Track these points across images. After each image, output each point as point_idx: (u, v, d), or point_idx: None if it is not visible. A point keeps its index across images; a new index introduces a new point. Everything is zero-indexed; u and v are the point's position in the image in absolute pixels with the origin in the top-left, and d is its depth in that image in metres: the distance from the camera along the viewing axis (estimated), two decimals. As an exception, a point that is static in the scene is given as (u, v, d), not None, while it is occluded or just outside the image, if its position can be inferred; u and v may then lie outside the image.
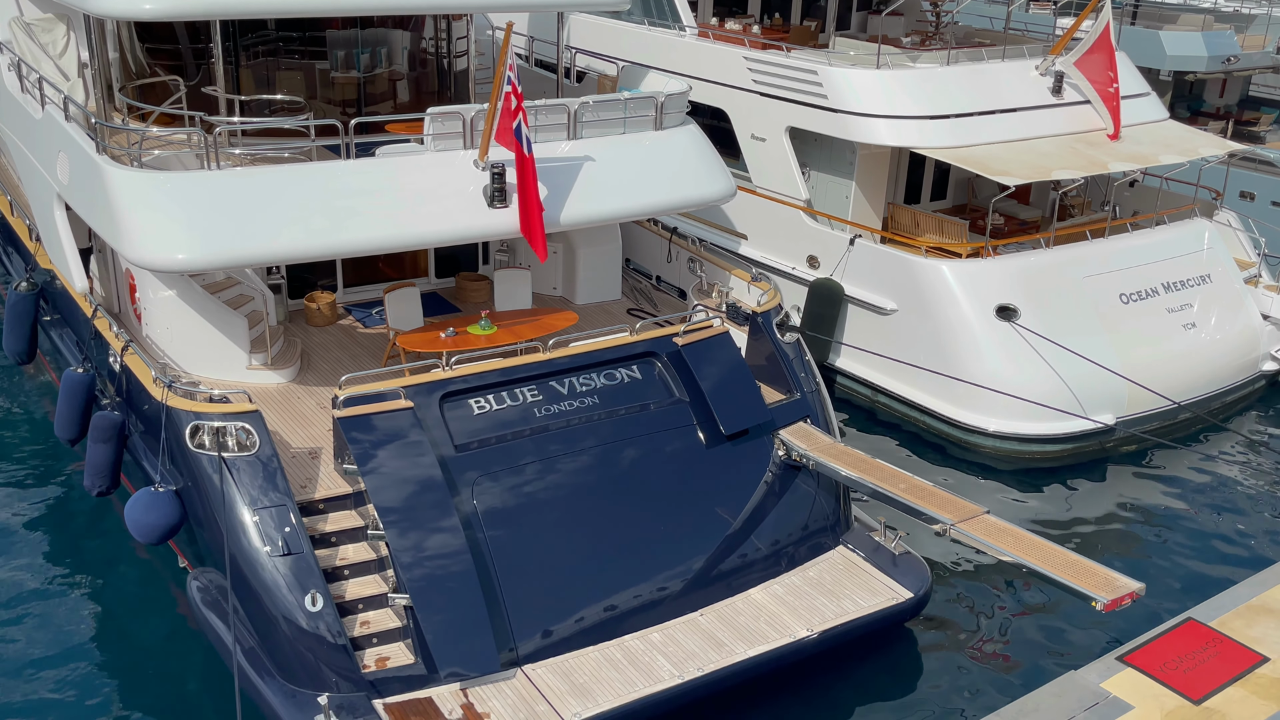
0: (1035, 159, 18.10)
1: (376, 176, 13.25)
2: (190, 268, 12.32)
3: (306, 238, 12.60)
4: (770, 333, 14.66)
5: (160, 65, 15.72)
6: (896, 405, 18.46)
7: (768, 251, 20.23)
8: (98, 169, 12.78)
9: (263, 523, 11.17)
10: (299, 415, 13.51)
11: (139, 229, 12.25)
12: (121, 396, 13.17)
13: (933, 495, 12.54)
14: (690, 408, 13.55)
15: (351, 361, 14.86)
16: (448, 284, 17.36)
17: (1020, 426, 17.19)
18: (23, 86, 15.92)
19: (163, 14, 12.95)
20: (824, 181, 19.88)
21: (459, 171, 13.58)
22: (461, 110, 13.70)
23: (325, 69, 16.19)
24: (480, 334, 14.12)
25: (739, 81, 20.28)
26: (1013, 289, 17.55)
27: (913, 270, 17.84)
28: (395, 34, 16.57)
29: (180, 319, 13.84)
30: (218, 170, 12.66)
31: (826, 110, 18.78)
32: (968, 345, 17.32)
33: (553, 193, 13.92)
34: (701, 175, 15.31)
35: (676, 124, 15.49)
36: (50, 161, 14.54)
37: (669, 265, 17.66)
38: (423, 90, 17.16)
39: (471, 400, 12.69)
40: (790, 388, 14.43)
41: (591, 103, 14.60)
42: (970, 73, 19.11)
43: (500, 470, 12.31)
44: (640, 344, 13.76)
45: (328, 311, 15.91)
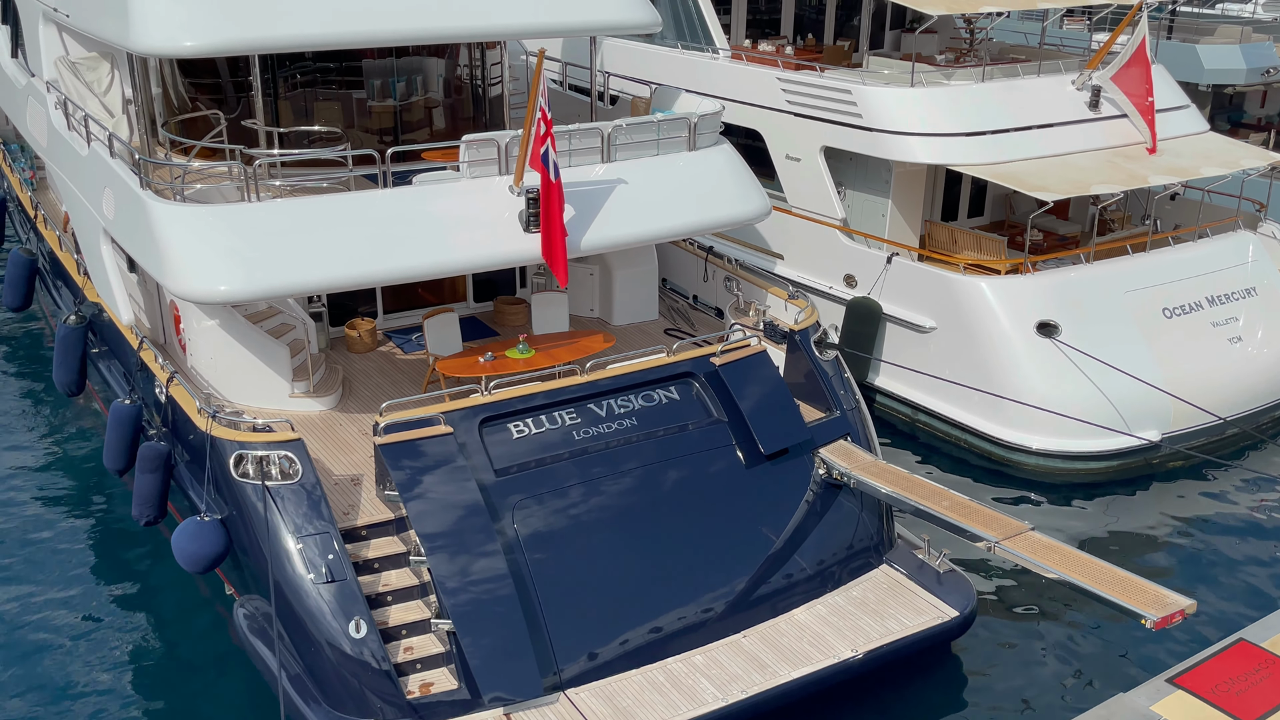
0: (1073, 174, 17.96)
1: (414, 204, 13.39)
2: (233, 298, 12.49)
3: (346, 267, 12.75)
4: (808, 350, 14.62)
5: (201, 99, 16.02)
6: (937, 424, 18.32)
7: (804, 271, 20.19)
8: (141, 204, 13.02)
9: (306, 550, 11.26)
10: (341, 442, 13.62)
11: (182, 262, 12.44)
12: (168, 427, 13.36)
13: (976, 512, 12.41)
14: (729, 428, 13.52)
15: (392, 387, 14.98)
16: (486, 308, 17.48)
17: (1064, 444, 16.99)
18: (69, 124, 16.27)
19: (203, 50, 13.19)
20: (860, 200, 19.84)
21: (494, 197, 13.70)
22: (496, 137, 13.84)
23: (362, 98, 16.42)
24: (518, 358, 14.19)
25: (773, 102, 20.32)
26: (1053, 305, 17.39)
27: (951, 288, 17.74)
28: (430, 62, 16.79)
29: (223, 349, 14.03)
30: (258, 202, 12.86)
31: (861, 129, 18.77)
32: (1008, 362, 17.16)
33: (588, 216, 14.00)
34: (736, 195, 15.35)
35: (710, 144, 15.55)
36: (96, 197, 14.82)
37: (706, 284, 17.68)
38: (458, 117, 17.35)
39: (511, 424, 12.74)
40: (830, 405, 14.37)
41: (625, 125, 14.69)
42: (1005, 89, 19.03)
43: (540, 494, 12.34)
44: (678, 364, 13.76)
45: (368, 338, 16.07)
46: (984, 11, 18.88)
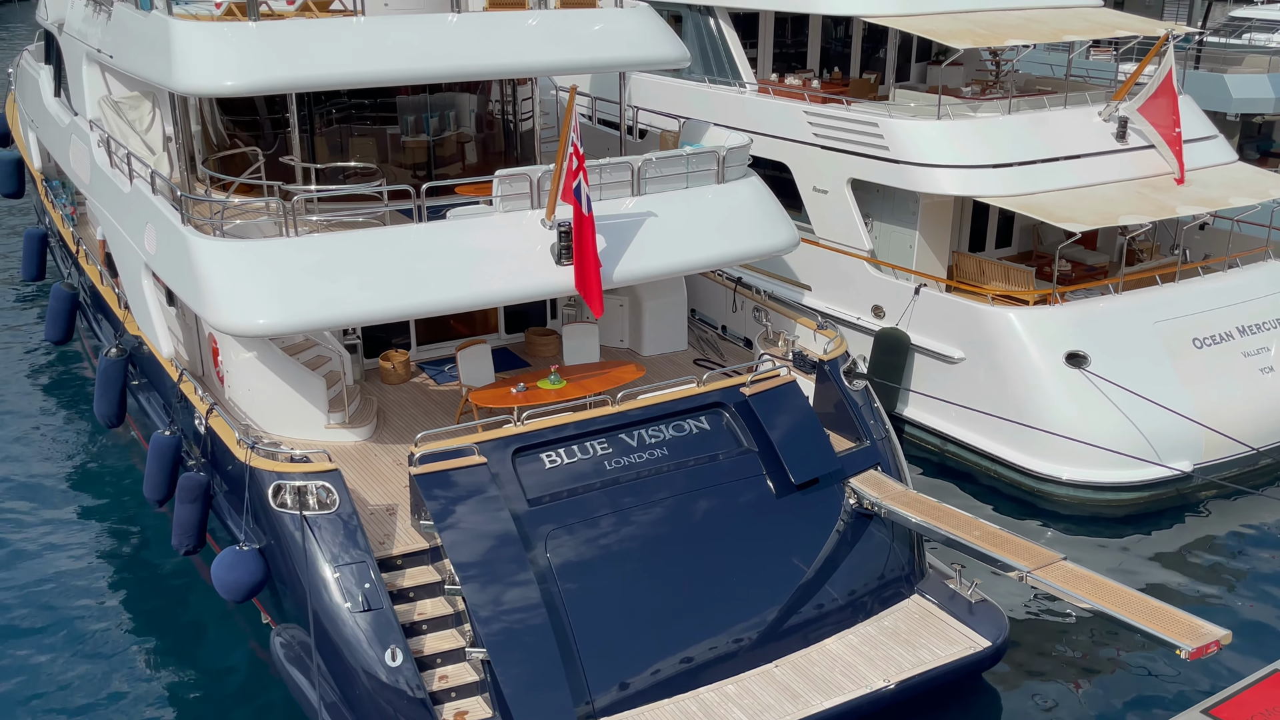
0: (1101, 205, 18.02)
1: (448, 238, 13.63)
2: (271, 331, 12.73)
3: (382, 300, 12.98)
4: (838, 380, 14.70)
5: (240, 136, 16.38)
6: (966, 454, 18.32)
7: (832, 302, 20.30)
8: (182, 239, 13.32)
9: (343, 579, 11.41)
10: (376, 472, 13.80)
11: (222, 296, 12.71)
12: (207, 458, 13.58)
13: (1008, 542, 12.42)
14: (759, 458, 13.61)
15: (426, 418, 15.17)
16: (517, 339, 17.68)
17: (1094, 474, 16.95)
18: (112, 162, 16.66)
19: (244, 90, 13.54)
20: (887, 231, 19.95)
21: (527, 231, 13.92)
22: (528, 172, 14.08)
23: (396, 134, 16.73)
24: (550, 388, 14.35)
25: (800, 135, 20.51)
26: (1082, 335, 17.40)
27: (979, 318, 17.79)
28: (463, 98, 17.09)
29: (261, 380, 14.27)
30: (296, 237, 13.13)
31: (888, 161, 18.91)
32: (1037, 393, 17.17)
33: (618, 248, 14.19)
34: (764, 226, 15.51)
35: (738, 177, 15.74)
36: (138, 233, 15.16)
37: (734, 315, 17.81)
38: (490, 151, 17.63)
39: (543, 454, 12.88)
40: (860, 435, 14.43)
41: (654, 159, 14.90)
42: (1032, 120, 19.14)
43: (573, 523, 12.46)
44: (708, 395, 13.88)
45: (402, 370, 16.28)
46: (1010, 44, 19.01)
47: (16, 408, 20.15)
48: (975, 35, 18.91)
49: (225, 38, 13.61)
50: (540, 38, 15.22)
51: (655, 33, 16.06)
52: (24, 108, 25.27)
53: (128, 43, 15.74)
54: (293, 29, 13.87)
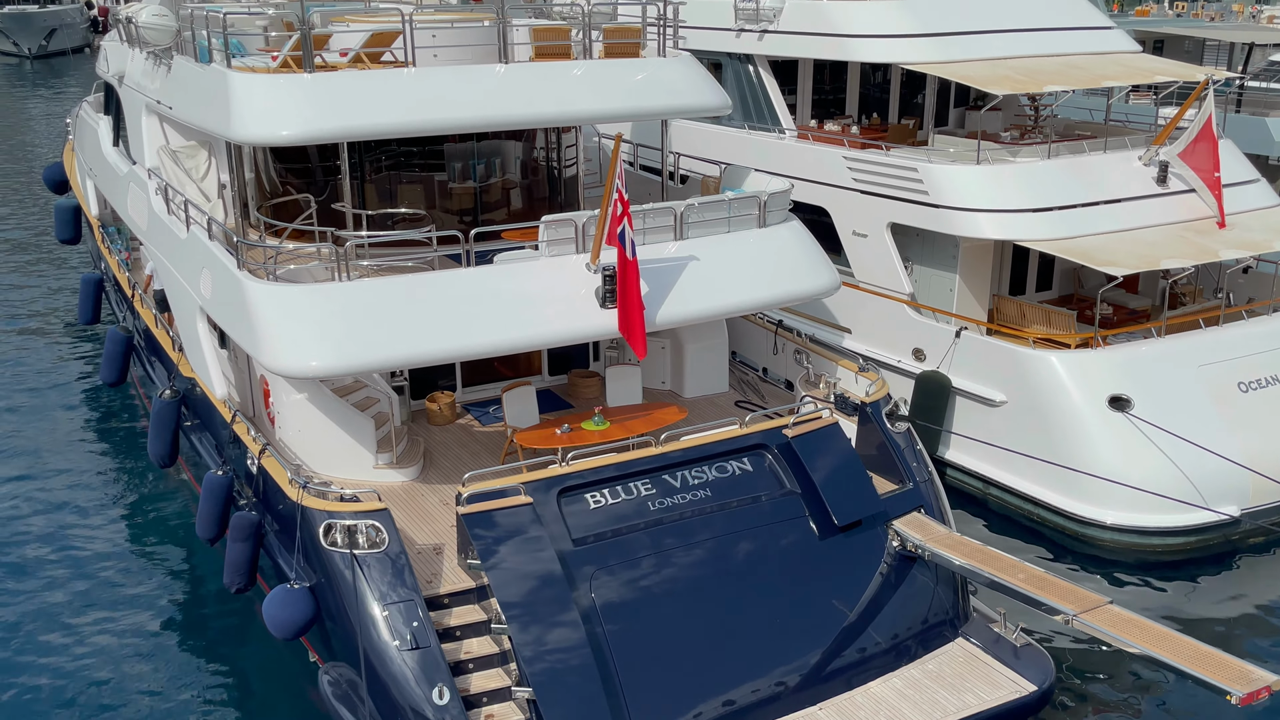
0: (1142, 248, 18.04)
1: (496, 282, 13.91)
2: (323, 373, 13.02)
3: (431, 342, 13.25)
4: (880, 422, 14.78)
5: (292, 184, 16.82)
6: (1009, 498, 18.25)
7: (872, 345, 20.39)
8: (238, 283, 13.70)
9: (392, 617, 11.59)
10: (423, 512, 14.02)
11: (276, 338, 13.05)
12: (258, 497, 13.86)
13: (1053, 585, 12.39)
14: (802, 499, 13.69)
15: (471, 459, 15.39)
16: (560, 381, 17.91)
17: (1140, 519, 16.83)
18: (169, 209, 17.16)
19: (298, 139, 13.95)
20: (927, 275, 20.06)
21: (572, 275, 14.18)
22: (574, 217, 14.36)
23: (443, 180, 17.11)
24: (594, 429, 14.54)
25: (839, 180, 20.73)
26: (1125, 379, 17.36)
27: (1021, 361, 17.81)
28: (509, 145, 17.47)
29: (312, 421, 14.56)
30: (348, 282, 13.46)
31: (928, 206, 19.07)
32: (1080, 437, 17.12)
33: (661, 292, 14.40)
34: (805, 270, 15.68)
35: (780, 221, 15.94)
36: (194, 277, 15.58)
37: (775, 357, 17.94)
38: (534, 197, 17.97)
39: (588, 495, 13.04)
40: (902, 478, 14.48)
41: (696, 204, 15.15)
42: (1072, 165, 19.24)
43: (617, 564, 12.57)
44: (750, 436, 14.00)
45: (448, 411, 16.54)
46: (1049, 90, 19.16)
47: (72, 448, 20.62)
48: (1013, 81, 19.08)
49: (282, 89, 14.06)
50: (585, 87, 15.56)
51: (697, 81, 16.38)
52: (82, 157, 26.04)
53: (187, 94, 16.27)
54: (346, 81, 14.30)
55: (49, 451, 20.47)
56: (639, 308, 13.45)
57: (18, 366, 24.61)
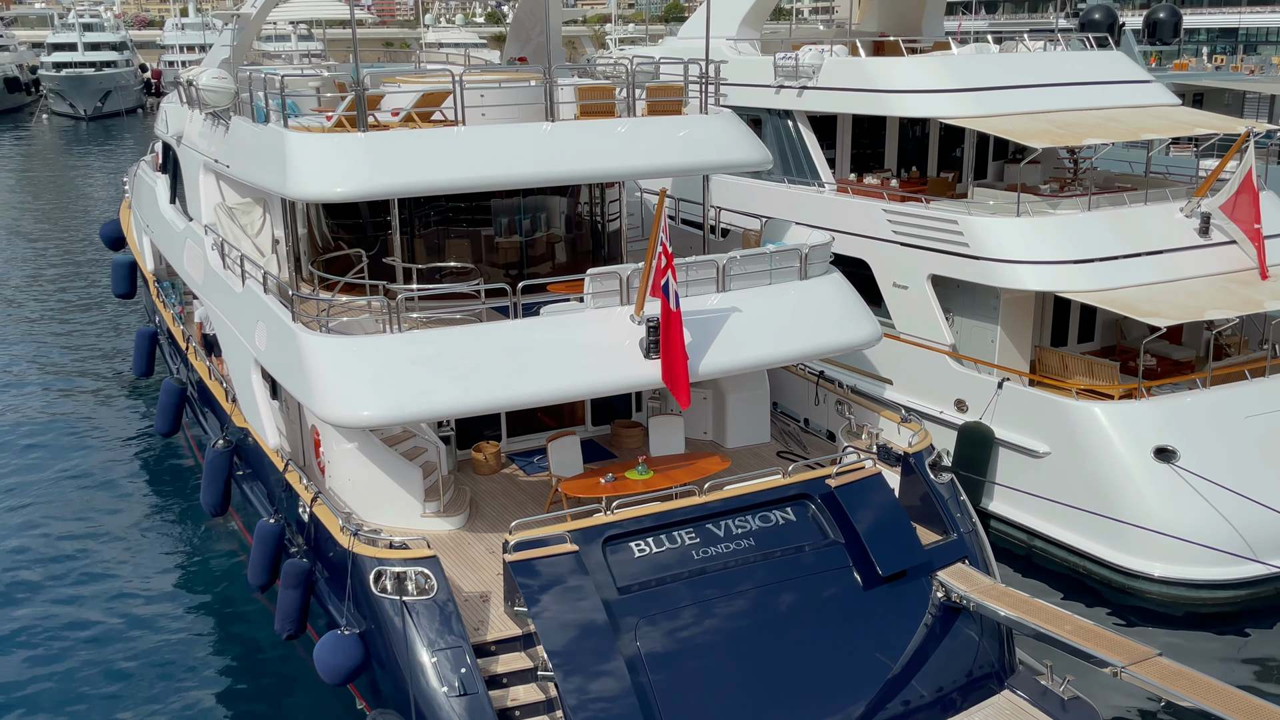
0: (1185, 299, 18.04)
1: (542, 333, 14.18)
2: (375, 423, 13.31)
3: (480, 393, 13.51)
4: (924, 473, 14.82)
5: (344, 239, 17.27)
6: (1053, 550, 18.14)
7: (914, 395, 20.43)
8: (292, 335, 14.07)
9: (440, 664, 11.74)
10: (470, 560, 14.20)
11: (329, 389, 13.37)
12: (309, 544, 14.11)
13: (1101, 637, 12.31)
14: (845, 549, 13.73)
15: (516, 508, 15.58)
16: (603, 431, 18.10)
17: (1188, 571, 16.67)
18: (225, 264, 17.66)
19: (352, 196, 14.36)
20: (968, 326, 20.13)
21: (616, 326, 14.43)
22: (618, 270, 14.65)
23: (490, 235, 17.49)
24: (638, 479, 14.70)
25: (879, 232, 20.93)
26: (1170, 430, 17.29)
27: (1064, 412, 17.79)
28: (554, 200, 17.84)
29: (361, 470, 14.84)
30: (398, 334, 13.80)
31: (969, 258, 19.20)
32: (1126, 488, 17.03)
33: (704, 343, 14.60)
34: (846, 321, 15.83)
35: (821, 273, 16.13)
36: (249, 330, 16.00)
37: (817, 408, 18.04)
38: (578, 251, 18.31)
39: (632, 543, 13.18)
40: (946, 528, 14.49)
41: (739, 256, 15.40)
42: (1113, 216, 19.32)
43: (661, 613, 12.66)
44: (794, 486, 14.10)
45: (493, 461, 16.77)
46: (1088, 143, 19.32)
47: (125, 496, 21.05)
48: (1053, 135, 19.26)
49: (336, 148, 14.53)
50: (629, 144, 15.93)
51: (738, 137, 16.71)
52: (139, 214, 26.81)
53: (244, 153, 16.82)
54: (398, 139, 14.75)
55: (103, 500, 20.91)
56: (683, 358, 13.65)
57: (74, 417, 25.20)
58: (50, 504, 20.78)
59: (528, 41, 23.58)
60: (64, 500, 20.92)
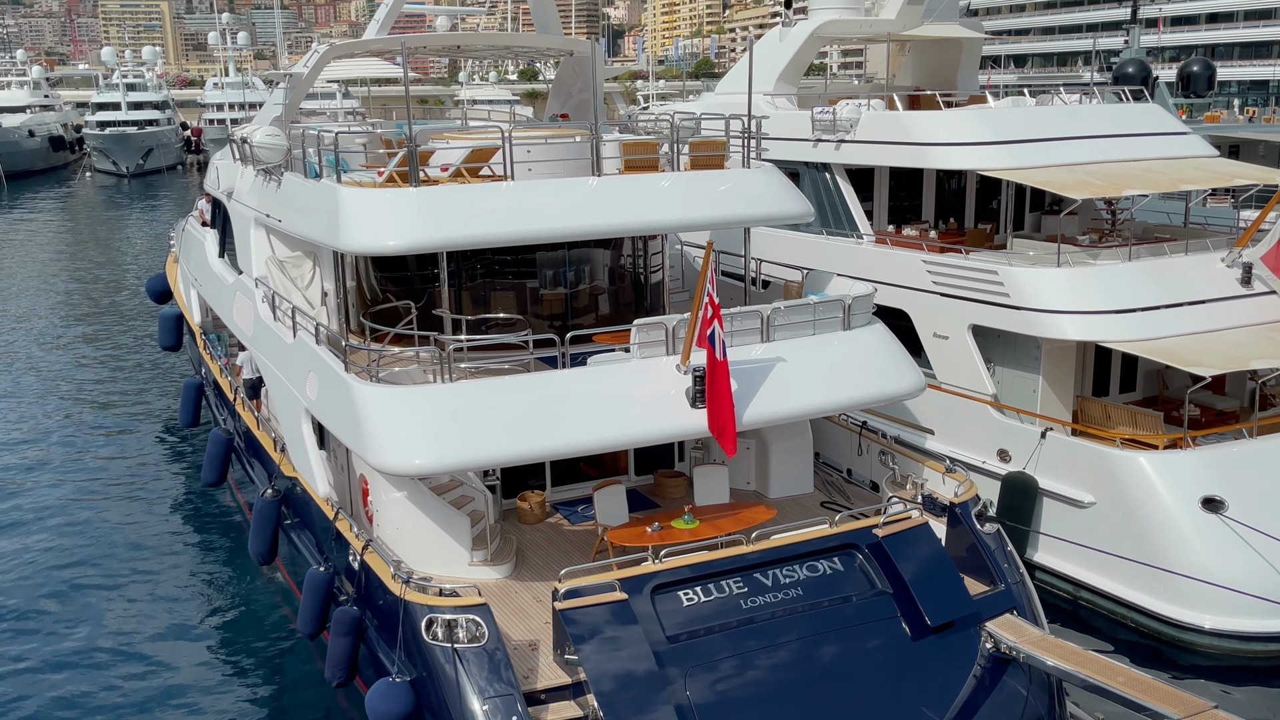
0: (1229, 349, 18.00)
1: (590, 383, 14.36)
2: (426, 471, 13.48)
3: (529, 441, 13.67)
4: (970, 523, 14.80)
5: (391, 291, 17.58)
6: (1100, 601, 17.98)
7: (955, 446, 20.41)
8: (345, 385, 14.32)
9: (491, 712, 11.78)
10: (518, 609, 14.27)
11: (382, 438, 13.57)
12: (359, 592, 14.24)
13: (1155, 689, 12.20)
14: (893, 599, 13.70)
15: (562, 556, 15.65)
16: (646, 481, 18.19)
17: (1240, 624, 16.47)
18: (275, 316, 18.00)
19: (403, 249, 14.69)
20: (1010, 376, 20.14)
21: (663, 376, 14.58)
22: (664, 321, 14.84)
23: (535, 287, 17.75)
24: (684, 528, 14.76)
25: (918, 283, 21.05)
26: (1217, 480, 17.18)
27: (1109, 462, 17.72)
28: (597, 253, 18.11)
29: (410, 519, 14.99)
30: (450, 384, 14.01)
31: (1010, 308, 19.27)
32: (1174, 539, 16.90)
33: (748, 393, 14.71)
34: (890, 371, 15.91)
35: (864, 324, 16.25)
36: (300, 381, 16.28)
37: (860, 458, 18.06)
38: (621, 302, 18.53)
39: (680, 592, 13.21)
40: (994, 579, 14.43)
41: (782, 307, 15.56)
42: (1154, 267, 19.36)
43: (711, 661, 12.66)
44: (841, 535, 14.11)
45: (538, 510, 16.89)
46: (1128, 195, 19.42)
47: (172, 546, 21.29)
48: (1093, 186, 19.39)
49: (388, 203, 14.88)
50: (674, 198, 16.21)
51: (780, 190, 16.95)
52: (187, 268, 27.36)
53: (297, 208, 17.22)
54: (449, 194, 15.09)
55: (150, 550, 21.16)
56: (729, 407, 13.77)
57: (121, 466, 25.56)
58: (97, 553, 21.04)
59: (569, 98, 24.04)
60: (111, 549, 21.18)
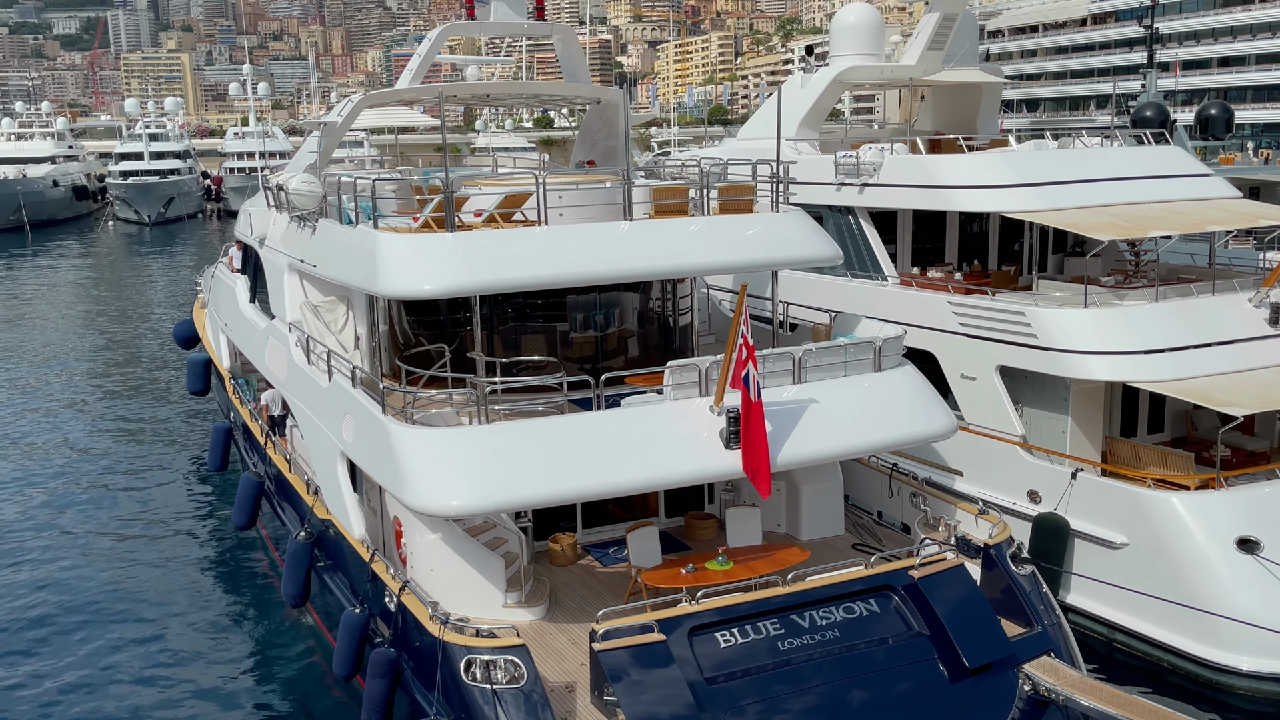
0: (1260, 389, 17.99)
1: (625, 425, 14.46)
2: (464, 512, 13.58)
3: (566, 482, 13.76)
4: (1005, 565, 14.77)
5: (423, 335, 17.76)
6: (1135, 643, 17.84)
7: (985, 487, 20.37)
8: (383, 427, 14.45)
9: (531, 752, 11.77)
10: (553, 650, 14.27)
11: (420, 479, 13.68)
12: (395, 633, 14.27)
13: (1199, 731, 12.11)
14: (930, 641, 13.66)
15: (595, 599, 15.66)
16: (677, 523, 18.21)
17: (1278, 666, 16.32)
18: (309, 359, 18.19)
19: (440, 292, 14.97)
20: (1038, 417, 20.14)
21: (696, 417, 14.67)
22: (697, 363, 14.96)
23: (565, 330, 17.92)
24: (718, 569, 14.77)
25: (945, 325, 21.13)
26: (1252, 520, 17.09)
27: (1141, 503, 17.67)
28: (627, 297, 18.28)
29: (445, 560, 15.04)
30: (487, 425, 14.14)
31: (1038, 349, 19.32)
32: (1209, 580, 16.80)
33: (781, 434, 14.78)
34: (921, 413, 15.96)
35: (894, 365, 16.33)
36: (335, 423, 16.42)
37: (890, 500, 18.06)
38: (649, 345, 18.67)
39: (718, 633, 13.21)
40: (1030, 621, 14.38)
41: (814, 349, 15.66)
42: (1182, 307, 19.41)
43: (749, 703, 12.63)
44: (877, 577, 14.10)
45: (570, 552, 16.92)
46: (1153, 235, 19.52)
47: (203, 589, 21.36)
48: (1118, 228, 19.50)
49: (426, 248, 15.11)
50: (705, 241, 16.40)
51: (809, 233, 17.13)
52: (216, 314, 27.65)
53: (333, 253, 17.47)
54: (485, 239, 15.32)
55: (181, 593, 21.23)
56: (763, 448, 13.84)
57: (152, 511, 25.71)
58: (129, 595, 21.13)
59: (594, 146, 24.37)
60: (141, 592, 21.27)
